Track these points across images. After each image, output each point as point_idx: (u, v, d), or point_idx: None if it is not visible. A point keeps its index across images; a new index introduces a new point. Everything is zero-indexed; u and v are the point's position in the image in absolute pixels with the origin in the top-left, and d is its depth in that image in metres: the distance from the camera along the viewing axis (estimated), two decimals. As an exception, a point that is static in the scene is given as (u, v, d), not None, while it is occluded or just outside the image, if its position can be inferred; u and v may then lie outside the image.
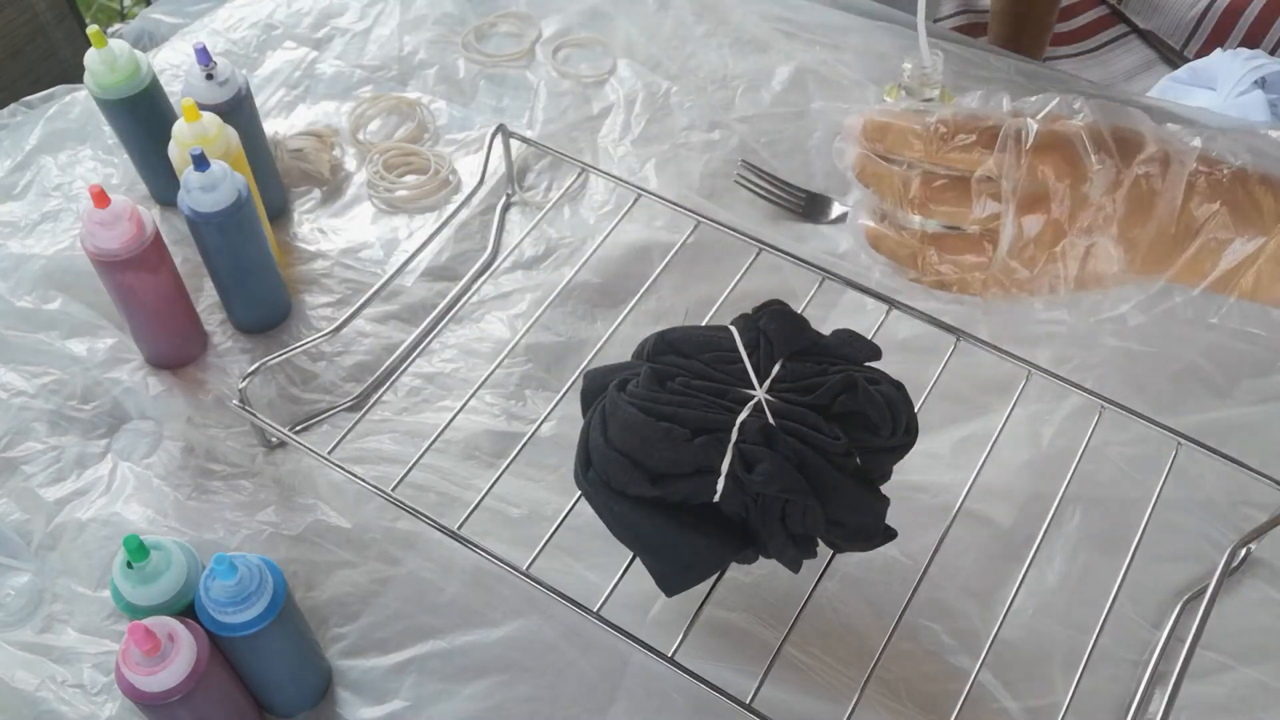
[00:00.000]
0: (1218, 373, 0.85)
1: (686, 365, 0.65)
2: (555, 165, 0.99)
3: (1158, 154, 0.61)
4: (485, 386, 0.80)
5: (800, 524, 0.61)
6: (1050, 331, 0.87)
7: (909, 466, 0.67)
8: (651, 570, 0.65)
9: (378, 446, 0.81)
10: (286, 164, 0.97)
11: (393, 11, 1.12)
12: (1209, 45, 1.38)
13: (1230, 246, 0.62)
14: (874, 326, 0.78)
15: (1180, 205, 0.61)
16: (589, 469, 0.65)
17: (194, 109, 0.80)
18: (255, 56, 1.08)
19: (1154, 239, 0.62)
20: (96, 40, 0.84)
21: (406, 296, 0.90)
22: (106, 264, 0.77)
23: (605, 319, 0.88)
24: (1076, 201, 0.61)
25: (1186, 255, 0.63)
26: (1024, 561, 0.71)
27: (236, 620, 0.60)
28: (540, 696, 0.70)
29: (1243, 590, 0.75)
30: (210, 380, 0.85)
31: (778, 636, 0.66)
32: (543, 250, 0.94)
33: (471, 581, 0.75)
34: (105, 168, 0.99)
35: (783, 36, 1.09)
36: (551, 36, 1.10)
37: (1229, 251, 0.62)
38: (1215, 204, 0.61)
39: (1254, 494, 0.76)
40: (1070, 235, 0.62)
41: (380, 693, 0.71)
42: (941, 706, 0.68)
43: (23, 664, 0.71)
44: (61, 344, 0.86)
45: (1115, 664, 0.71)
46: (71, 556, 0.76)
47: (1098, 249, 0.63)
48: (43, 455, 0.81)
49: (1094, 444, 0.74)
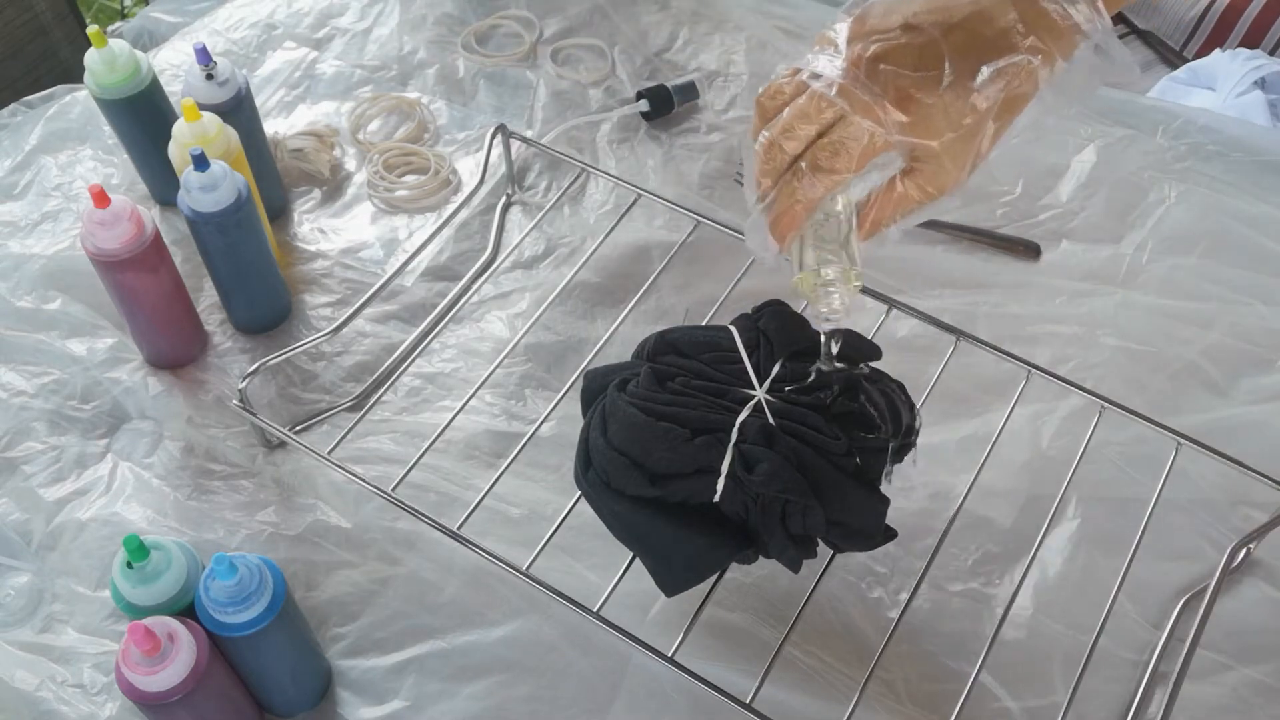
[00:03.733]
0: (1218, 372, 0.85)
1: (686, 365, 0.65)
2: (555, 165, 0.99)
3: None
4: (485, 386, 0.80)
5: (800, 524, 0.61)
6: (1050, 331, 0.87)
7: (909, 466, 0.67)
8: (651, 571, 0.65)
9: (378, 446, 0.81)
10: (286, 164, 0.97)
11: (393, 11, 1.12)
12: (1209, 45, 1.39)
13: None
14: (874, 326, 0.78)
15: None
16: (589, 469, 0.65)
17: (194, 109, 0.80)
18: (255, 56, 1.08)
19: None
20: (96, 40, 0.84)
21: (406, 296, 0.90)
22: (106, 264, 0.77)
23: (605, 319, 0.88)
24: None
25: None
26: (1024, 562, 0.71)
27: (236, 620, 0.60)
28: (540, 696, 0.70)
29: (1243, 590, 0.75)
30: (210, 380, 0.85)
31: (778, 636, 0.66)
32: (543, 250, 0.94)
33: (471, 581, 0.75)
34: (105, 168, 0.99)
35: (783, 35, 1.09)
36: (551, 36, 1.10)
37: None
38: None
39: (1254, 494, 0.76)
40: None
41: (380, 693, 0.71)
42: (941, 706, 0.68)
43: (23, 664, 0.71)
44: (61, 344, 0.86)
45: (1115, 664, 0.71)
46: (71, 556, 0.76)
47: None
48: (43, 455, 0.81)
49: (1094, 444, 0.74)
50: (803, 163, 0.59)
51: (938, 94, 0.56)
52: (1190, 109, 1.04)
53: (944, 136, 0.57)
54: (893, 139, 0.57)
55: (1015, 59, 0.56)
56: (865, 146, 0.57)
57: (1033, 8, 0.56)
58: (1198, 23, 1.40)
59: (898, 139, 0.57)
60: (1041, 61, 0.56)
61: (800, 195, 0.59)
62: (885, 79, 0.57)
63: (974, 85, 0.56)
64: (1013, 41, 0.56)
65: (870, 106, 0.57)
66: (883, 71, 0.57)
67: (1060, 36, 0.56)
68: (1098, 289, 0.91)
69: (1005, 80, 0.56)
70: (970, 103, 0.56)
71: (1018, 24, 0.56)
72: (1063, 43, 0.57)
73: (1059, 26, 0.56)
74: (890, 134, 0.57)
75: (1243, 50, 1.29)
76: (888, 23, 0.58)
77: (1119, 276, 0.91)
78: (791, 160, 0.59)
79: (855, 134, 0.57)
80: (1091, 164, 0.99)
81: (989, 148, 0.59)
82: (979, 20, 0.57)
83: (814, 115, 0.58)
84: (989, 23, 0.57)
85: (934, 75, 0.56)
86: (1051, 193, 0.97)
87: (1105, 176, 0.98)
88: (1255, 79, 1.23)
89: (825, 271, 0.61)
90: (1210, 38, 1.39)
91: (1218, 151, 0.99)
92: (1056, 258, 0.93)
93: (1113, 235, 0.94)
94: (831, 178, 0.58)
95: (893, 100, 0.57)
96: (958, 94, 0.56)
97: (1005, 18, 0.56)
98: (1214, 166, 0.99)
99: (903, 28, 0.57)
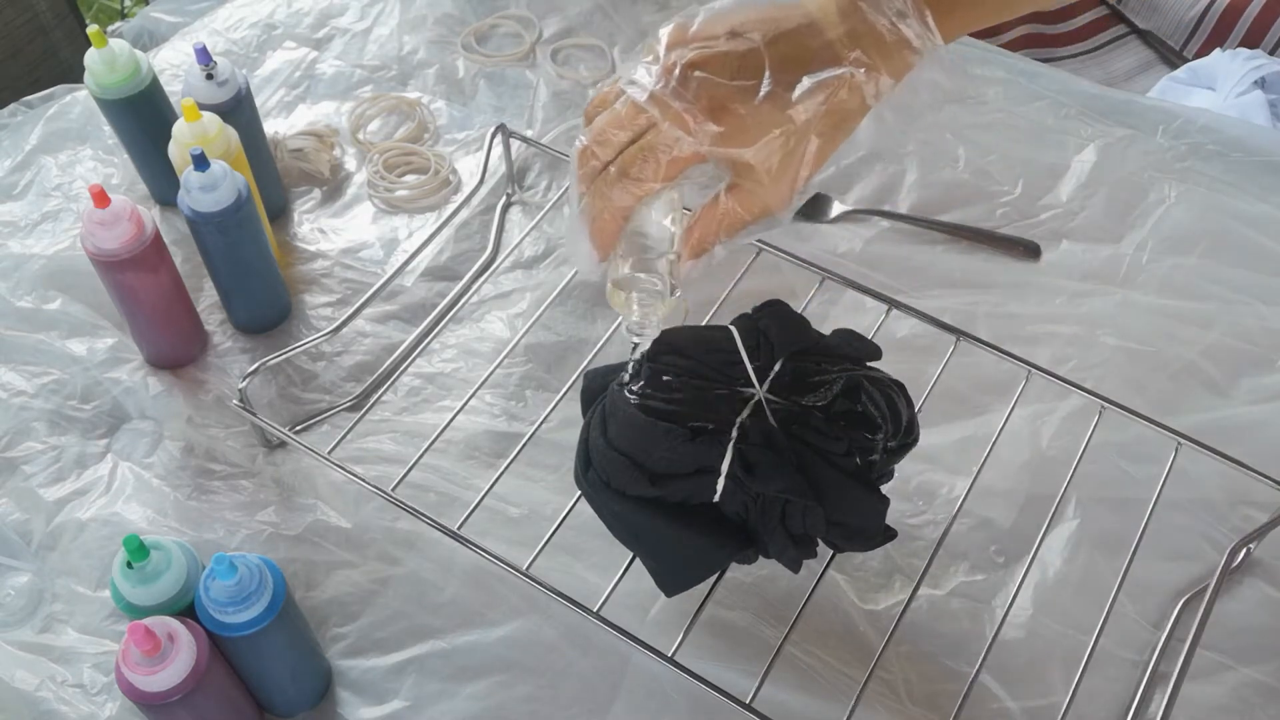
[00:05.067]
0: (1218, 372, 0.85)
1: (686, 365, 0.65)
2: (555, 165, 0.99)
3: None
4: (485, 386, 0.80)
5: (800, 524, 0.61)
6: (1050, 331, 0.87)
7: (909, 466, 0.67)
8: (651, 570, 0.65)
9: (378, 446, 0.81)
10: (286, 164, 0.97)
11: (393, 11, 1.12)
12: (1209, 45, 1.38)
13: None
14: (874, 326, 0.78)
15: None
16: (589, 469, 0.65)
17: (194, 109, 0.80)
18: (255, 56, 1.08)
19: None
20: (96, 40, 0.84)
21: (406, 296, 0.90)
22: (106, 264, 0.77)
23: (605, 319, 0.88)
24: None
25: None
26: (1024, 561, 0.71)
27: (236, 620, 0.60)
28: (540, 696, 0.70)
29: (1243, 590, 0.75)
30: (210, 380, 0.85)
31: (778, 636, 0.66)
32: (542, 250, 0.94)
33: (471, 581, 0.75)
34: (105, 168, 0.99)
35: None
36: (551, 36, 1.10)
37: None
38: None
39: (1254, 494, 0.76)
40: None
41: (380, 693, 0.71)
42: (941, 706, 0.68)
43: (23, 664, 0.71)
44: (61, 344, 0.86)
45: (1115, 664, 0.71)
46: (71, 556, 0.76)
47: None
48: (43, 455, 0.81)
49: (1094, 444, 0.74)
50: (613, 168, 0.58)
51: (753, 104, 0.55)
52: (1190, 109, 1.04)
53: (758, 149, 0.55)
54: (704, 149, 0.56)
55: (838, 71, 0.55)
56: (675, 156, 0.56)
57: (863, 23, 0.55)
58: (1198, 23, 1.40)
59: (708, 149, 0.56)
60: (866, 75, 0.55)
61: (612, 202, 0.58)
62: (699, 87, 0.55)
63: (792, 97, 0.55)
64: (837, 54, 0.55)
65: (680, 115, 0.55)
66: (696, 79, 0.55)
67: (889, 54, 0.55)
68: (1098, 289, 0.91)
69: (826, 93, 0.55)
70: (788, 114, 0.55)
71: (844, 37, 0.55)
72: (892, 60, 0.55)
73: (887, 42, 0.55)
74: (702, 144, 0.55)
75: (1243, 50, 1.29)
76: (711, 29, 0.56)
77: (1119, 276, 0.91)
78: (603, 166, 0.58)
79: (664, 141, 0.56)
80: (1091, 164, 0.99)
81: (814, 164, 0.58)
82: (806, 33, 0.56)
83: (628, 122, 0.57)
84: (817, 35, 0.55)
85: (751, 85, 0.55)
86: (1051, 193, 0.97)
87: (1105, 176, 0.98)
88: (1255, 79, 1.23)
89: (634, 291, 0.60)
90: (1210, 38, 1.39)
91: (1218, 151, 0.99)
92: (1056, 258, 0.93)
93: (1113, 235, 0.94)
94: (640, 185, 0.57)
95: (704, 109, 0.55)
96: (775, 105, 0.55)
97: (834, 31, 0.55)
98: (1214, 166, 0.99)
99: (727, 35, 0.56)
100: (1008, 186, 0.97)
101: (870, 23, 0.55)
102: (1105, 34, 1.48)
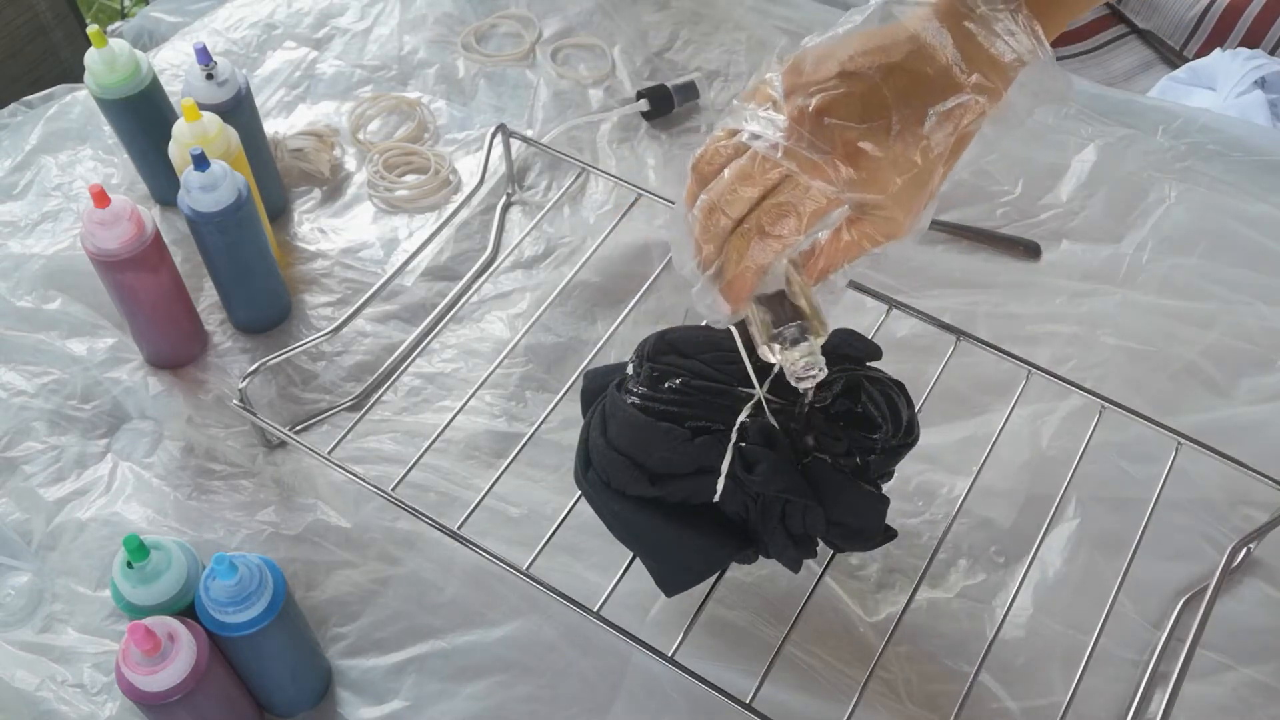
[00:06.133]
0: (1218, 372, 0.85)
1: (686, 365, 0.65)
2: (555, 165, 0.99)
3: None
4: (485, 387, 0.80)
5: (800, 524, 0.61)
6: (1050, 331, 0.87)
7: (909, 466, 0.67)
8: (651, 570, 0.65)
9: (378, 446, 0.81)
10: (286, 164, 0.97)
11: (393, 11, 1.12)
12: (1209, 45, 1.38)
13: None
14: (874, 326, 0.78)
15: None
16: (589, 469, 0.65)
17: (194, 109, 0.80)
18: (255, 56, 1.08)
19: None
20: (96, 40, 0.84)
21: (406, 296, 0.90)
22: (106, 264, 0.77)
23: (605, 319, 0.88)
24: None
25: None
26: (1024, 561, 0.71)
27: (236, 620, 0.60)
28: (540, 696, 0.70)
29: (1243, 590, 0.75)
30: (210, 380, 0.85)
31: (778, 636, 0.66)
32: (543, 250, 0.94)
33: (471, 581, 0.75)
34: (105, 168, 0.99)
35: (783, 35, 1.09)
36: (551, 36, 1.10)
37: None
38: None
39: (1254, 494, 0.76)
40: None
41: (380, 693, 0.71)
42: (941, 706, 0.68)
43: (23, 664, 0.71)
44: (61, 344, 0.86)
45: (1115, 664, 0.71)
46: (71, 556, 0.76)
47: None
48: (43, 455, 0.81)
49: (1094, 444, 0.74)
50: (748, 225, 0.56)
51: (888, 144, 0.53)
52: (1190, 109, 1.04)
53: (895, 187, 0.55)
54: (843, 196, 0.55)
55: (962, 99, 0.54)
56: (815, 209, 0.55)
57: (970, 41, 0.54)
58: (1198, 22, 1.40)
59: (848, 196, 0.55)
60: (989, 100, 0.54)
61: (750, 260, 0.57)
62: (832, 134, 0.53)
63: (923, 131, 0.54)
64: (956, 80, 0.54)
65: (819, 165, 0.53)
66: (828, 126, 0.53)
67: (1004, 72, 0.54)
68: (1098, 289, 0.91)
69: (954, 123, 0.54)
70: (921, 148, 0.54)
71: (959, 60, 0.54)
72: (1007, 78, 0.55)
73: (1003, 64, 0.54)
74: (841, 192, 0.54)
75: (1243, 50, 1.29)
76: (824, 71, 0.54)
77: (1119, 276, 0.91)
78: (734, 224, 0.57)
79: (804, 195, 0.55)
80: (1091, 164, 0.99)
81: (939, 186, 0.57)
82: (919, 59, 0.54)
83: (757, 177, 0.55)
84: (929, 60, 0.54)
85: (881, 125, 0.53)
86: (1051, 193, 0.97)
87: (1105, 176, 0.98)
88: (1255, 79, 1.23)
89: (791, 344, 0.59)
90: (1210, 37, 1.39)
91: (1218, 151, 0.99)
92: (1056, 258, 0.93)
93: (1113, 235, 0.94)
94: (781, 241, 0.56)
95: (841, 156, 0.53)
96: (908, 143, 0.54)
97: (945, 52, 0.54)
98: (1214, 166, 0.99)
99: (840, 76, 0.54)
100: (1008, 186, 0.97)
101: (982, 45, 0.54)
102: (1105, 33, 1.47)
